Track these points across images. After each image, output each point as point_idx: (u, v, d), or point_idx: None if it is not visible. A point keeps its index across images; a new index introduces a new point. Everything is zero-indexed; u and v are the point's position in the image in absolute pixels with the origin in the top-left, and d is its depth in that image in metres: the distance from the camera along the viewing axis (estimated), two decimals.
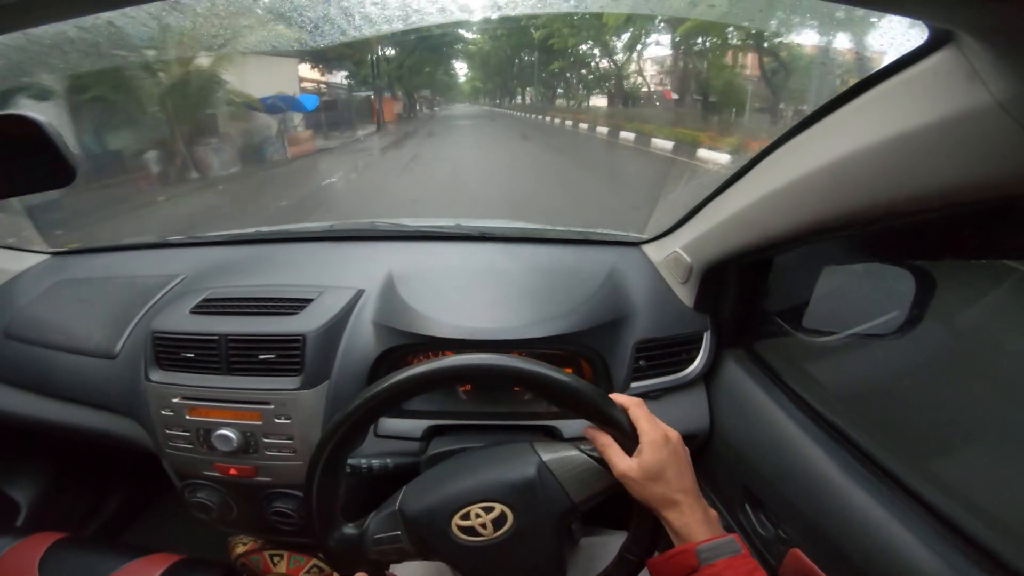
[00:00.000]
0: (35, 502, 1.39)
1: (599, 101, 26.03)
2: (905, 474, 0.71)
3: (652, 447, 0.61)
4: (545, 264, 1.25)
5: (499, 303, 1.06)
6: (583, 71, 26.74)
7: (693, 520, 0.60)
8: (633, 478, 0.61)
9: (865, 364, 0.93)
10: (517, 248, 1.33)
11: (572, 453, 0.68)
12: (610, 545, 0.90)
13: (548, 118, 25.16)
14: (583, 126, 19.95)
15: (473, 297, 1.09)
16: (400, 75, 25.96)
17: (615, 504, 0.68)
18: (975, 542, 0.61)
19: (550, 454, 0.68)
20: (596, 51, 24.00)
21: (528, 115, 28.96)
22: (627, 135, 15.03)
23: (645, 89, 22.92)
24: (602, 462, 0.66)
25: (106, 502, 1.58)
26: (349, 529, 0.70)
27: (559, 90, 29.83)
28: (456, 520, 0.65)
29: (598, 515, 0.72)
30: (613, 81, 23.83)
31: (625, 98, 23.42)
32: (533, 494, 0.66)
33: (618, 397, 0.67)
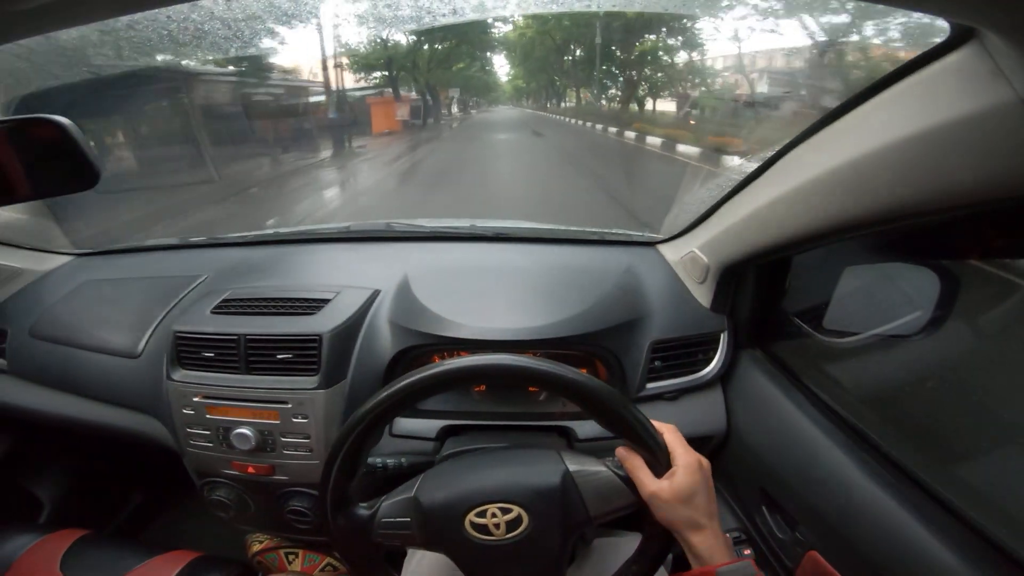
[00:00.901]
0: (58, 499, 1.42)
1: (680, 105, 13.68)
2: (928, 477, 0.69)
3: (687, 471, 0.63)
4: (560, 264, 1.24)
5: (514, 303, 1.06)
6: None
7: (716, 544, 0.62)
8: (664, 499, 0.62)
9: (887, 366, 0.91)
10: (532, 248, 1.33)
11: (599, 468, 0.69)
12: (622, 547, 0.90)
13: (630, 134, 12.76)
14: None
15: (488, 297, 1.09)
16: (412, 67, 18.05)
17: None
18: (999, 547, 0.59)
19: (576, 465, 0.69)
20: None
21: (589, 125, 16.67)
22: None
23: None
24: (627, 481, 0.67)
25: (127, 500, 1.61)
26: (360, 509, 0.70)
27: (628, 89, 16.49)
28: (471, 516, 0.66)
29: None
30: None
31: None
32: (553, 502, 0.66)
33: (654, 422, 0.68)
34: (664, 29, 14.82)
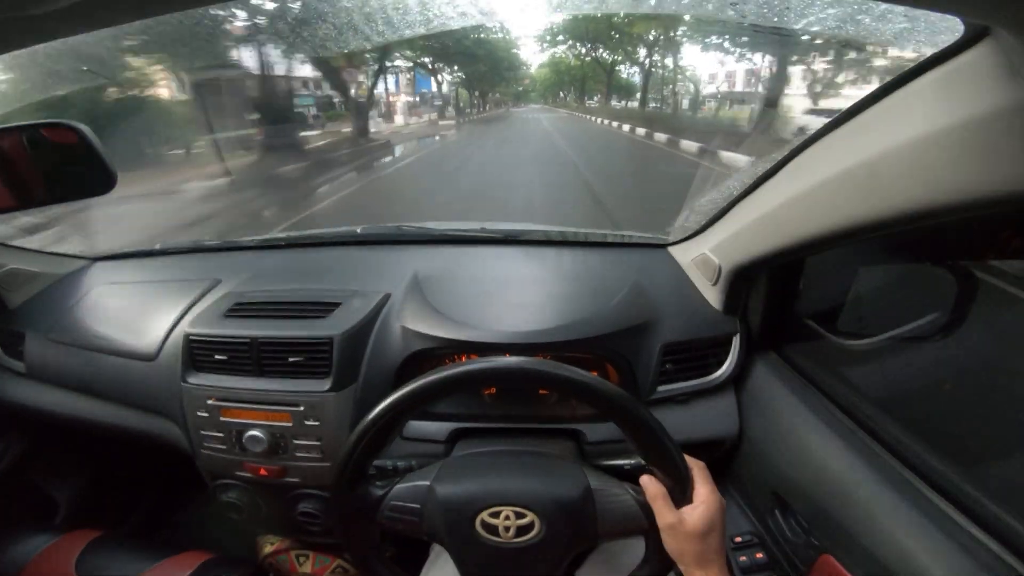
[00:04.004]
0: (74, 500, 1.44)
1: None
2: (948, 480, 0.69)
3: (708, 508, 0.64)
4: (570, 267, 1.24)
5: (524, 307, 1.06)
6: None
7: None
8: (682, 532, 0.64)
9: (903, 368, 0.90)
10: (542, 251, 1.33)
11: (620, 491, 0.69)
12: (632, 548, 0.90)
13: None
14: None
15: (498, 301, 1.09)
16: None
17: None
18: (1022, 551, 0.58)
19: (598, 483, 0.70)
20: None
21: None
22: None
23: None
24: (645, 507, 0.67)
25: (141, 501, 1.62)
26: (374, 488, 0.71)
27: None
28: (484, 515, 0.66)
29: None
30: None
31: None
32: (568, 514, 0.67)
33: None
34: None
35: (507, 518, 0.66)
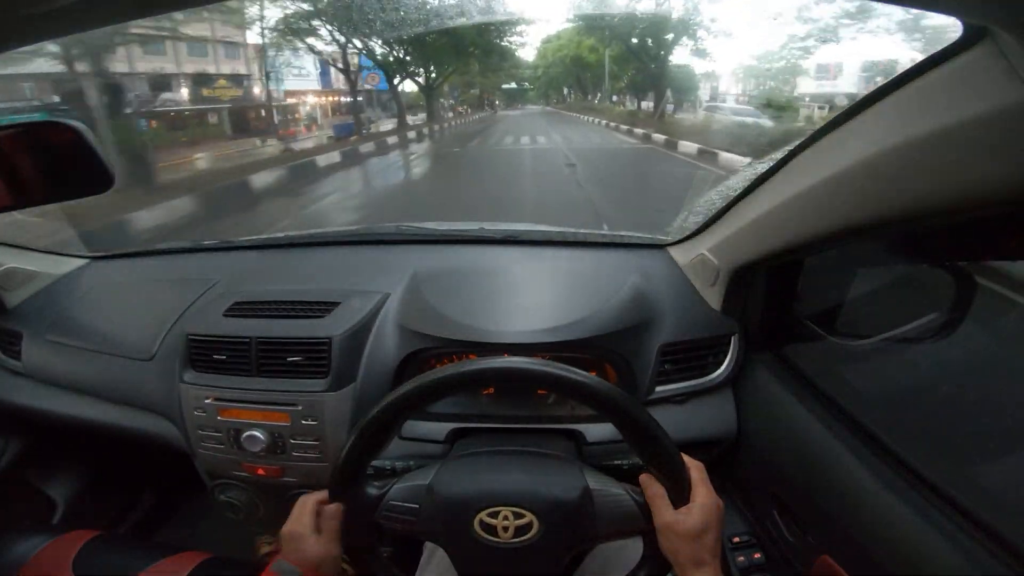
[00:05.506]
0: (71, 501, 1.43)
1: None
2: (943, 481, 0.69)
3: (705, 509, 0.64)
4: (569, 267, 1.24)
5: (523, 306, 1.06)
6: None
7: None
8: (676, 531, 0.63)
9: (900, 369, 0.90)
10: (541, 252, 1.33)
11: (618, 491, 0.69)
12: (629, 549, 0.90)
13: None
14: None
15: (497, 301, 1.09)
16: None
17: None
18: (1018, 552, 0.58)
19: (597, 484, 0.69)
20: None
21: None
22: None
23: None
24: (643, 507, 0.67)
25: (139, 501, 1.62)
26: (372, 488, 0.71)
27: None
28: (482, 515, 0.66)
29: None
30: None
31: None
32: (567, 515, 0.67)
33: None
34: None
35: (505, 518, 0.66)
